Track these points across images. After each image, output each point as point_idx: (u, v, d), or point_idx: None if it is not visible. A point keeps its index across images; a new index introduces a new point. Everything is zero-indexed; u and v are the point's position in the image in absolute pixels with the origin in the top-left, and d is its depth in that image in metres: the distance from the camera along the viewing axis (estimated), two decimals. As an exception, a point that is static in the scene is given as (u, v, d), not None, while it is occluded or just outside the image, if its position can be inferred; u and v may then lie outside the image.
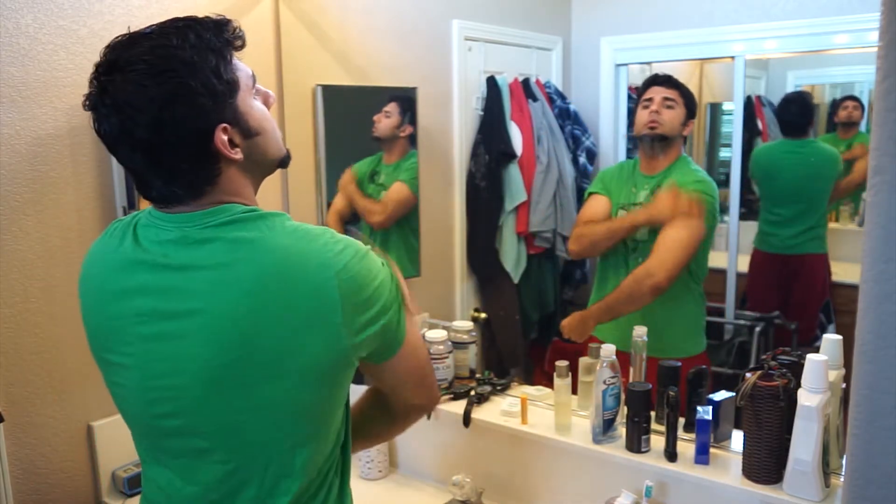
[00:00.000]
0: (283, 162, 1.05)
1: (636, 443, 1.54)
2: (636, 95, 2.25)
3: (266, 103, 1.01)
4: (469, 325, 1.94)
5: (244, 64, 0.98)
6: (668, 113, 2.12)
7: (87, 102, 0.92)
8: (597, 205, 2.23)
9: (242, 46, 0.97)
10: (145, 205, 1.01)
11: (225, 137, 0.92)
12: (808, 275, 2.93)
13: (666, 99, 2.12)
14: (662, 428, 1.54)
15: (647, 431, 1.54)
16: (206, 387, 0.93)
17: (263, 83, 1.07)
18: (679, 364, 1.61)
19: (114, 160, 1.72)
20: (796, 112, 3.01)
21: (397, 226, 2.53)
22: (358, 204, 2.39)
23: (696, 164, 2.22)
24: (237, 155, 0.94)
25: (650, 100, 2.14)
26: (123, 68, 0.88)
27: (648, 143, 2.14)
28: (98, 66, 0.91)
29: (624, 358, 1.65)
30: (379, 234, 2.50)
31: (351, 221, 2.37)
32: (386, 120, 2.41)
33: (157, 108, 0.87)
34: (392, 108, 2.41)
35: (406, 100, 2.45)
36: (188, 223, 0.94)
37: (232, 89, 0.93)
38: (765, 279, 2.98)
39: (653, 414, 1.60)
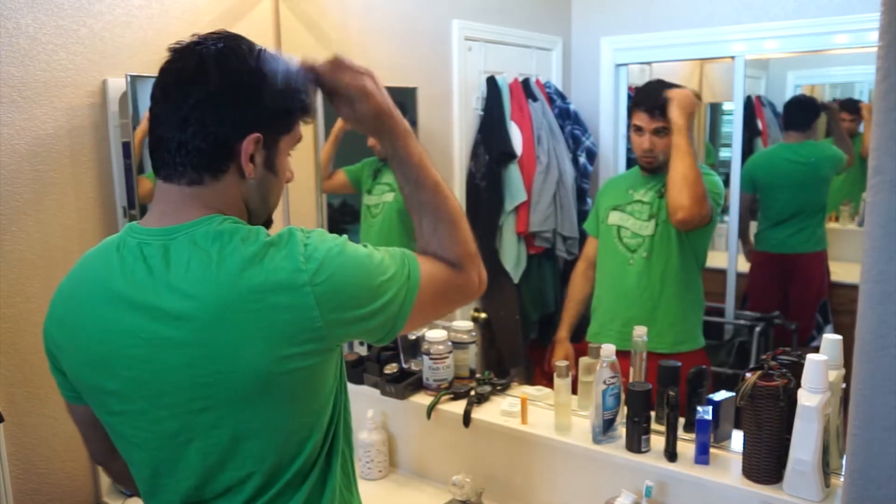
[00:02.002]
0: (268, 223, 1.07)
1: (636, 443, 1.54)
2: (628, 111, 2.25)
3: (286, 177, 1.06)
4: (469, 325, 1.94)
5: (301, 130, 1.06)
6: (662, 142, 2.07)
7: (187, 47, 0.96)
8: (589, 247, 2.36)
9: (309, 120, 1.06)
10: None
11: (251, 148, 0.95)
12: (806, 274, 2.93)
13: (655, 130, 2.07)
14: (662, 428, 1.54)
15: (647, 431, 1.54)
16: None
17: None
18: (679, 364, 1.61)
19: (114, 160, 1.73)
20: (800, 108, 3.02)
21: (400, 227, 2.51)
22: None
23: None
24: (248, 168, 0.96)
25: (640, 129, 2.09)
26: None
27: (647, 170, 2.15)
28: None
29: (623, 357, 1.65)
30: (381, 238, 2.49)
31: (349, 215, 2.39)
32: None
33: (252, 74, 0.95)
34: None
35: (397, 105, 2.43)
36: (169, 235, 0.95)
37: (287, 127, 1.01)
38: (764, 278, 2.99)
39: (653, 414, 1.60)
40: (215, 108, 0.93)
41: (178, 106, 0.94)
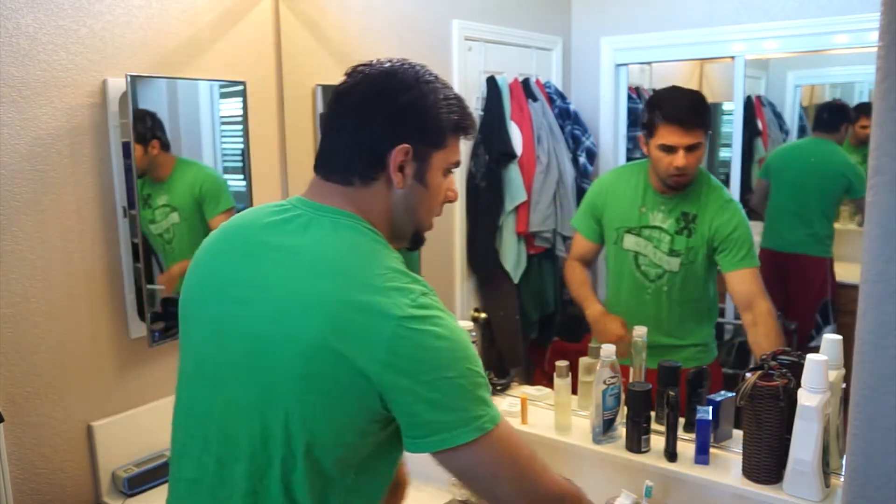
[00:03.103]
0: (416, 237, 1.11)
1: (636, 443, 1.54)
2: (643, 123, 1.96)
3: (446, 195, 1.10)
4: (469, 325, 1.94)
5: (460, 152, 1.09)
6: (695, 157, 1.87)
7: (353, 70, 1.05)
8: (579, 246, 2.19)
9: (470, 136, 1.09)
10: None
11: (401, 158, 1.00)
12: (805, 276, 2.93)
13: (691, 147, 1.86)
14: (662, 428, 1.54)
15: (647, 431, 1.54)
16: None
17: (263, 83, 1.09)
18: (679, 364, 1.61)
19: (114, 160, 1.73)
20: (833, 110, 3.03)
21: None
22: None
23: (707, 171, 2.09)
24: (397, 177, 1.01)
25: (672, 148, 1.86)
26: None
27: (674, 188, 1.95)
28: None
29: (625, 370, 1.64)
30: None
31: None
32: None
33: (404, 89, 1.02)
34: None
35: None
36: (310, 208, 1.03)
37: (438, 142, 1.04)
38: (765, 277, 2.99)
39: (653, 414, 1.60)
40: (366, 118, 1.00)
41: (336, 116, 1.03)
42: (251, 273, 1.00)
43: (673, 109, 1.88)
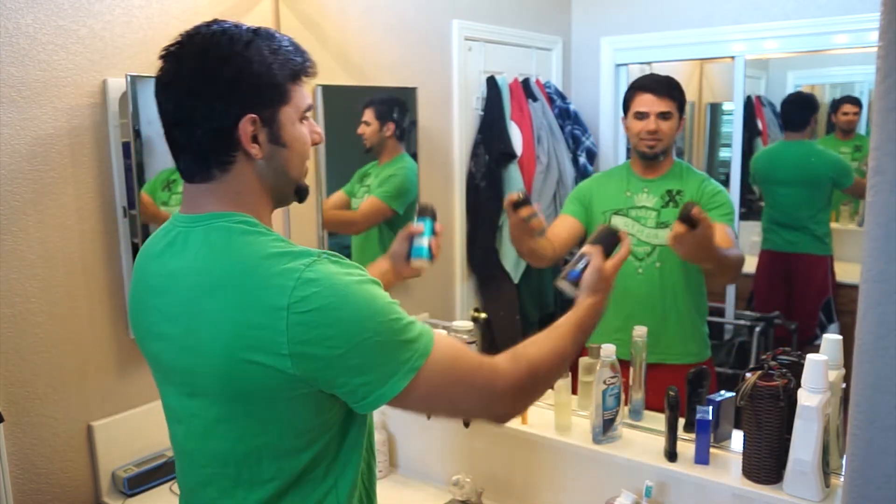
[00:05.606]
0: (300, 191, 1.07)
1: None
2: (623, 105, 2.09)
3: (311, 139, 1.05)
4: (469, 325, 1.94)
5: (308, 94, 1.04)
6: (666, 125, 2.00)
7: (165, 52, 0.98)
8: (556, 226, 2.15)
9: (312, 74, 1.05)
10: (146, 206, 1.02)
11: (250, 129, 0.95)
12: (806, 274, 2.94)
13: (662, 114, 1.99)
14: (663, 428, 1.54)
15: None
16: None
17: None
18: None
19: (114, 160, 1.73)
20: (798, 107, 3.03)
21: (378, 236, 2.50)
22: (337, 219, 2.39)
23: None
24: (253, 149, 0.96)
25: (645, 114, 2.00)
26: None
27: (648, 156, 2.04)
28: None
29: (624, 366, 1.64)
30: (358, 246, 2.48)
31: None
32: (367, 128, 2.40)
33: (226, 60, 0.95)
34: (368, 115, 2.39)
35: (381, 102, 2.43)
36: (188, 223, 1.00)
37: (282, 98, 0.98)
38: (767, 277, 3.00)
39: (654, 414, 1.59)
40: (199, 102, 0.94)
41: (169, 110, 0.96)
42: (162, 307, 1.00)
43: (646, 80, 2.06)
